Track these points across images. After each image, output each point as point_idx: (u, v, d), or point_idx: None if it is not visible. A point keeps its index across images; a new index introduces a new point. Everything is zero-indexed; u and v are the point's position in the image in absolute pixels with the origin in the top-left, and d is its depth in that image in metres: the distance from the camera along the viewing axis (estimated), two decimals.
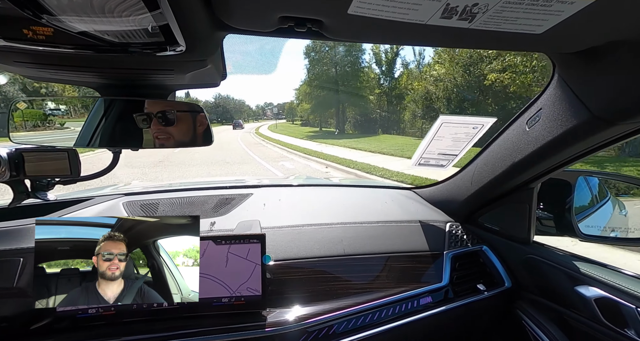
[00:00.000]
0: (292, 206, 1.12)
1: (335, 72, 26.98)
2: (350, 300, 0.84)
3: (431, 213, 1.15)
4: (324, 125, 35.24)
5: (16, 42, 0.41)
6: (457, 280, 0.95)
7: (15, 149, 0.64)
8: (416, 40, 0.54)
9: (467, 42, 0.53)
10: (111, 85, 0.66)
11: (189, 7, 0.40)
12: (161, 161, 9.10)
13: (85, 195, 1.11)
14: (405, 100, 22.81)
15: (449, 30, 0.46)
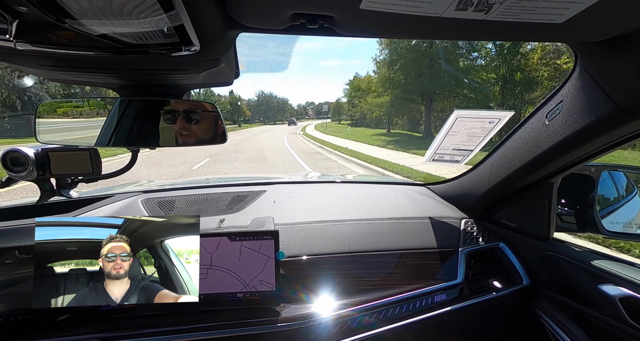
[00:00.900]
0: (305, 203, 1.13)
1: (430, 47, 17.75)
2: (363, 297, 0.84)
3: (445, 209, 1.13)
4: (380, 125, 30.66)
5: (41, 46, 0.43)
6: (472, 277, 0.94)
7: (42, 149, 0.67)
8: (430, 34, 0.53)
9: (483, 34, 0.52)
10: (129, 86, 0.68)
11: (203, 7, 0.41)
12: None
13: (105, 193, 1.15)
14: (534, 90, 15.08)
15: (464, 22, 0.45)
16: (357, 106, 40.00)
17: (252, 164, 8.85)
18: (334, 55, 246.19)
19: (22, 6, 0.34)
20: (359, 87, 39.70)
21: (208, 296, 0.74)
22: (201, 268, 0.75)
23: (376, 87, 24.90)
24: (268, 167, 8.28)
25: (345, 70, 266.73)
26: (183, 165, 8.55)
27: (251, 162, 9.21)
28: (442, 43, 17.20)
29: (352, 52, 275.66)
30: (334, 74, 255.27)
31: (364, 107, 33.14)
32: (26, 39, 0.41)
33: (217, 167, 8.39)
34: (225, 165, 8.71)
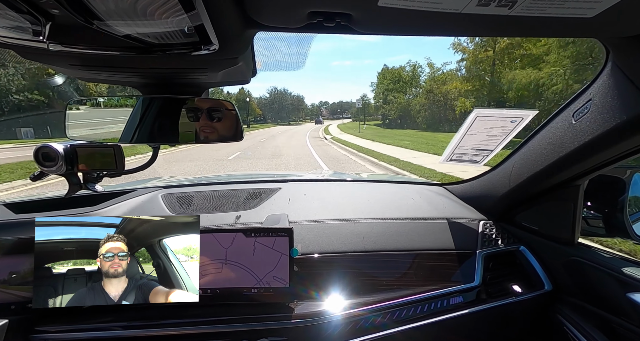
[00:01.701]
0: (320, 201, 1.13)
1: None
2: (377, 296, 0.83)
3: (462, 210, 1.11)
4: (433, 126, 23.70)
5: (71, 46, 0.45)
6: (490, 280, 0.91)
7: (70, 145, 0.70)
8: (450, 31, 0.52)
9: (507, 30, 0.50)
10: (151, 84, 0.70)
11: (223, 7, 0.41)
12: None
13: (128, 188, 1.20)
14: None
15: (486, 18, 0.43)
16: (391, 103, 33.84)
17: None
18: (346, 55, 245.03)
19: (54, 9, 0.36)
20: (399, 78, 33.67)
21: (224, 291, 0.76)
22: (216, 262, 0.77)
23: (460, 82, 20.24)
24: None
25: (357, 70, 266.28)
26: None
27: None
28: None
29: (364, 52, 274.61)
30: (346, 74, 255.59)
31: (414, 103, 26.80)
32: (57, 40, 0.43)
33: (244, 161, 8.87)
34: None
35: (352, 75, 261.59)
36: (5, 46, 0.47)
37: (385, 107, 37.05)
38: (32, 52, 0.51)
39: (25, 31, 0.40)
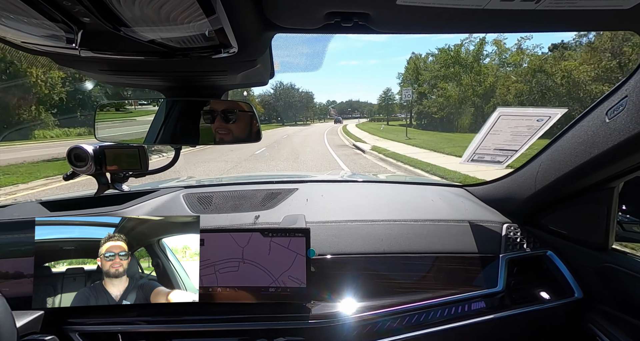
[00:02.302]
0: (337, 202, 1.13)
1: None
2: (395, 299, 0.82)
3: (485, 212, 1.07)
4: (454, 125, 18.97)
5: (101, 52, 0.48)
6: (515, 286, 0.87)
7: (99, 146, 0.74)
8: (471, 28, 0.50)
9: (534, 26, 0.48)
10: (173, 87, 0.73)
11: (241, 10, 0.42)
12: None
13: (152, 187, 1.24)
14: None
15: (511, 13, 0.42)
16: (438, 96, 23.17)
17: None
18: (352, 55, 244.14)
19: (86, 17, 0.38)
20: (456, 60, 21.09)
21: (242, 289, 0.77)
22: (233, 261, 0.78)
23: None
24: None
25: (363, 70, 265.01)
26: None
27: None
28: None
29: (369, 53, 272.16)
30: (352, 74, 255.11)
31: (501, 87, 17.40)
32: (88, 47, 0.45)
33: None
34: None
35: (358, 75, 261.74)
36: (42, 54, 0.50)
37: (425, 103, 25.96)
38: (65, 59, 0.54)
39: (59, 39, 0.43)
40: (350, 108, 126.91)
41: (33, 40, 0.44)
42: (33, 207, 1.05)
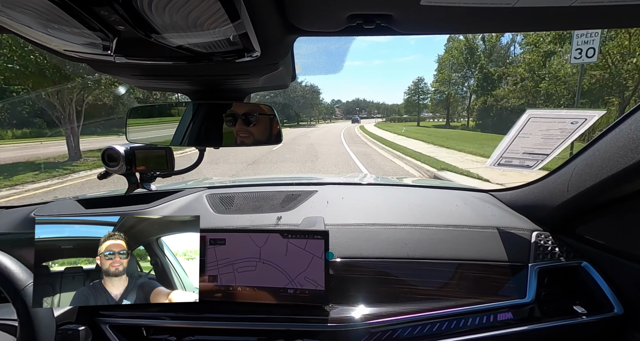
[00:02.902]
0: (357, 204, 1.12)
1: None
2: (416, 306, 0.80)
3: (512, 219, 1.02)
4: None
5: (133, 58, 0.50)
6: (545, 298, 0.82)
7: (130, 147, 0.78)
8: (499, 27, 0.49)
9: (567, 23, 0.45)
10: (199, 91, 0.76)
11: (265, 15, 0.43)
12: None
13: (177, 187, 1.29)
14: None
15: (543, 11, 0.40)
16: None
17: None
18: (356, 56, 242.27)
19: (121, 25, 0.40)
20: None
21: (261, 289, 0.78)
22: (251, 261, 0.79)
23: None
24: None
25: (367, 70, 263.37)
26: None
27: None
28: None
29: (373, 53, 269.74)
30: (356, 74, 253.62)
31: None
32: (122, 53, 0.48)
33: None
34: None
35: (363, 75, 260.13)
36: (81, 60, 0.54)
37: (498, 92, 17.91)
38: (102, 65, 0.58)
39: (96, 46, 0.45)
40: (358, 107, 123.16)
41: (74, 48, 0.47)
42: (71, 204, 1.12)
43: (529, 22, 0.45)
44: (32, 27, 0.41)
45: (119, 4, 0.35)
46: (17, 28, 0.42)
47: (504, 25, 0.47)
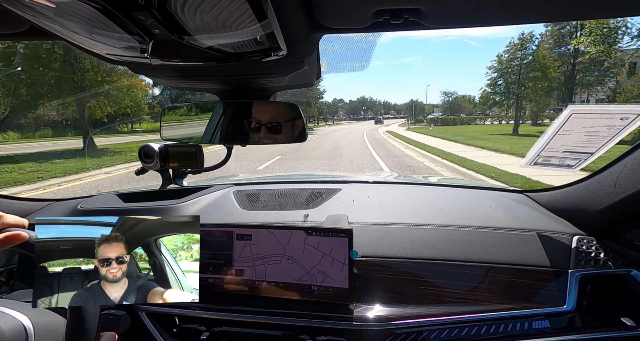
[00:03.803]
0: (381, 203, 1.10)
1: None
2: (443, 308, 0.77)
3: (550, 222, 0.95)
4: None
5: (167, 60, 0.53)
6: (587, 307, 0.76)
7: (164, 145, 0.82)
8: (535, 17, 0.46)
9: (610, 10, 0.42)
10: (227, 90, 0.78)
11: (291, 14, 0.44)
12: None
13: (206, 184, 1.35)
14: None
15: None
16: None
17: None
18: (356, 56, 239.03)
19: (156, 29, 0.42)
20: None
21: (286, 285, 0.80)
22: (275, 257, 0.81)
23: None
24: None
25: (368, 70, 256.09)
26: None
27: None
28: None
29: (374, 55, 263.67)
30: (356, 74, 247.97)
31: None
32: (157, 55, 0.51)
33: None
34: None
35: (364, 76, 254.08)
36: (120, 63, 0.58)
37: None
38: (139, 67, 0.61)
39: (135, 49, 0.48)
40: (364, 106, 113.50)
41: (114, 51, 0.51)
42: (111, 198, 1.21)
43: (568, 10, 0.41)
44: (79, 33, 0.44)
45: (154, 8, 0.36)
46: (66, 35, 0.46)
47: (540, 15, 0.44)
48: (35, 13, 0.39)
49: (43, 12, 0.38)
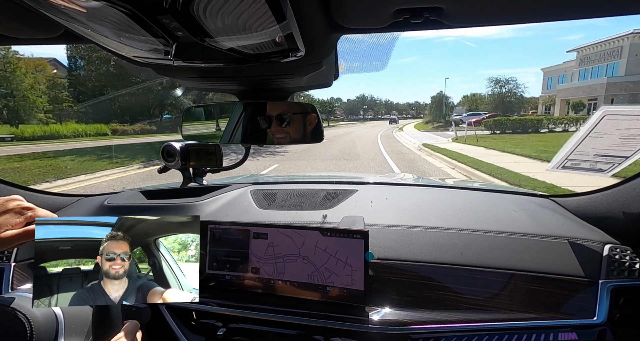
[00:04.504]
0: (398, 205, 1.09)
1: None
2: (462, 315, 0.75)
3: (578, 228, 0.90)
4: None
5: (189, 61, 0.55)
6: (620, 320, 0.72)
7: (185, 144, 0.85)
8: (565, 14, 0.43)
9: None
10: (246, 91, 0.79)
11: (309, 15, 0.44)
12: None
13: (224, 182, 1.38)
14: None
15: None
16: None
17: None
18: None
19: (179, 31, 0.44)
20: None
21: (301, 284, 0.80)
22: (290, 256, 0.81)
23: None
24: None
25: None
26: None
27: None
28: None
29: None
30: (355, 74, 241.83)
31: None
32: (180, 57, 0.52)
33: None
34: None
35: (361, 76, 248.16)
36: (146, 65, 0.60)
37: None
38: (163, 68, 0.63)
39: (159, 52, 0.50)
40: (365, 105, 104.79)
41: (140, 54, 0.53)
42: (136, 194, 1.26)
43: (602, 5, 0.39)
44: (108, 36, 0.46)
45: (178, 11, 0.38)
46: (97, 38, 0.48)
47: (572, 11, 0.42)
48: (69, 18, 0.41)
49: (76, 17, 0.40)
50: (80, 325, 0.71)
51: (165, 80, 10.72)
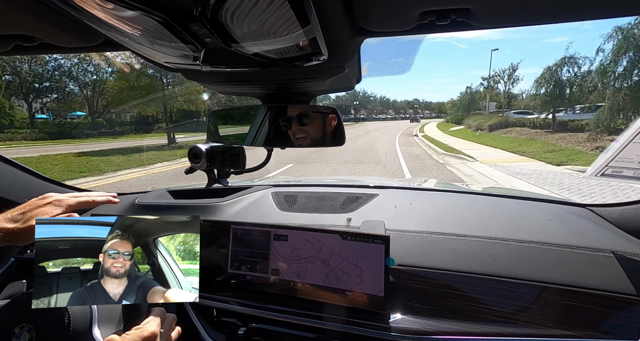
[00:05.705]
0: (420, 211, 1.06)
1: None
2: (488, 327, 0.71)
3: (620, 241, 0.84)
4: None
5: (217, 66, 0.57)
6: None
7: (211, 146, 0.88)
8: (597, 13, 0.41)
9: None
10: (269, 95, 0.81)
11: (333, 19, 0.44)
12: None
13: (247, 184, 1.41)
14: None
15: None
16: None
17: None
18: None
19: (207, 38, 0.45)
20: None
21: (320, 288, 0.80)
22: (310, 259, 0.81)
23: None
24: None
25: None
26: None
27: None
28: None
29: (365, 55, 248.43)
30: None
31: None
32: (208, 62, 0.54)
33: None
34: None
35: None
36: (176, 70, 0.63)
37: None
38: (191, 73, 0.66)
39: (188, 57, 0.53)
40: (356, 101, 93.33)
41: (171, 59, 0.56)
42: (164, 194, 1.32)
43: (628, 5, 0.36)
44: (143, 44, 0.49)
45: (207, 19, 0.39)
46: (133, 46, 0.51)
47: (604, 10, 0.40)
48: (109, 27, 0.44)
49: (115, 26, 0.43)
50: (112, 314, 0.75)
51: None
